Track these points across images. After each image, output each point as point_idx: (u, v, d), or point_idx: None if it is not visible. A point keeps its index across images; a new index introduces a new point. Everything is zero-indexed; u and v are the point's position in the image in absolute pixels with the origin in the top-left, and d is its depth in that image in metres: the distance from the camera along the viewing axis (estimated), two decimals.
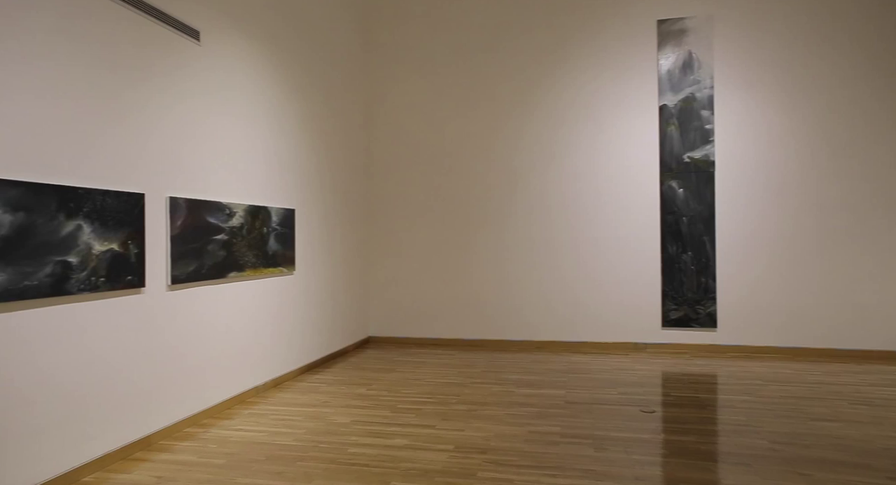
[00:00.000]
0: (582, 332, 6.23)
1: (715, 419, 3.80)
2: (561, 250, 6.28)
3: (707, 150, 5.89)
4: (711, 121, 5.88)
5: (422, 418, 3.86)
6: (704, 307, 5.89)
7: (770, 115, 5.80)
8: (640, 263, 6.08)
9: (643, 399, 4.26)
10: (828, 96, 5.68)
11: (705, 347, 5.92)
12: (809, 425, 3.62)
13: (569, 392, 4.47)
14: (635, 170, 6.10)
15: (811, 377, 4.84)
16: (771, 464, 3.01)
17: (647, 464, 3.04)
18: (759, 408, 4.00)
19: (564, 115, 6.28)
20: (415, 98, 6.69)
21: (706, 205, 5.89)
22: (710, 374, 5.03)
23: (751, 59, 5.83)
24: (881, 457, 3.10)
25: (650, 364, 5.43)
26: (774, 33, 5.78)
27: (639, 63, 6.09)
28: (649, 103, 6.06)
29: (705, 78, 5.89)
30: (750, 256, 5.84)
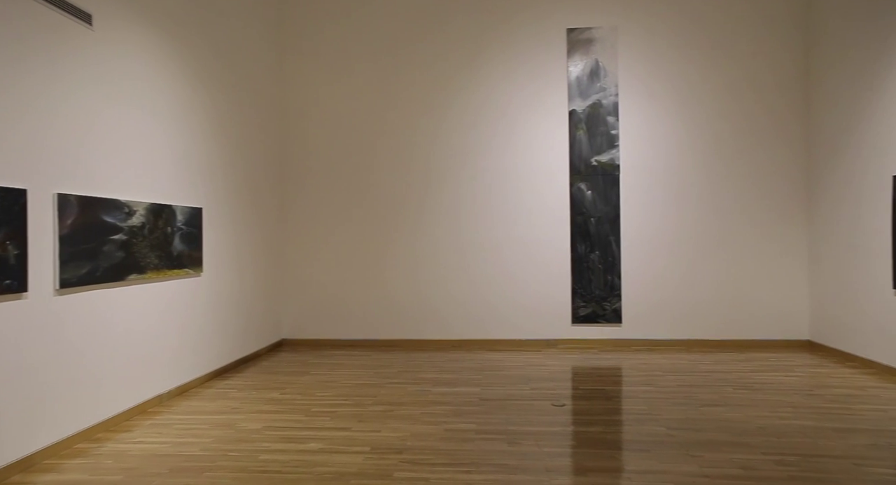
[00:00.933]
0: (496, 330, 6.37)
1: (620, 410, 4.01)
2: (476, 250, 6.40)
3: (613, 154, 6.21)
4: (616, 127, 6.21)
5: (337, 421, 3.80)
6: (611, 304, 6.21)
7: (669, 122, 6.21)
8: (552, 263, 6.32)
9: (554, 393, 4.42)
10: (719, 106, 6.16)
11: (612, 342, 6.24)
12: (700, 411, 3.91)
13: (483, 389, 4.56)
14: (547, 172, 6.33)
15: (703, 367, 5.23)
16: (668, 449, 3.23)
17: (558, 455, 3.16)
18: (658, 397, 4.27)
19: (478, 117, 6.40)
20: (330, 97, 6.57)
21: (612, 206, 6.21)
22: (616, 367, 5.31)
23: (652, 69, 6.21)
24: (757, 435, 3.41)
25: (561, 360, 5.65)
26: (673, 46, 6.19)
27: (550, 69, 6.32)
28: (559, 108, 6.31)
29: (611, 86, 6.21)
30: (651, 254, 6.22)
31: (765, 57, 6.11)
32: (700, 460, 3.07)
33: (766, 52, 6.10)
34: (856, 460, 3.04)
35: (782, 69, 6.09)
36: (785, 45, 6.08)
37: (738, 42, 6.13)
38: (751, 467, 2.96)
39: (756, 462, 3.02)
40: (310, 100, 6.60)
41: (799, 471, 2.90)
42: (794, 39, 6.08)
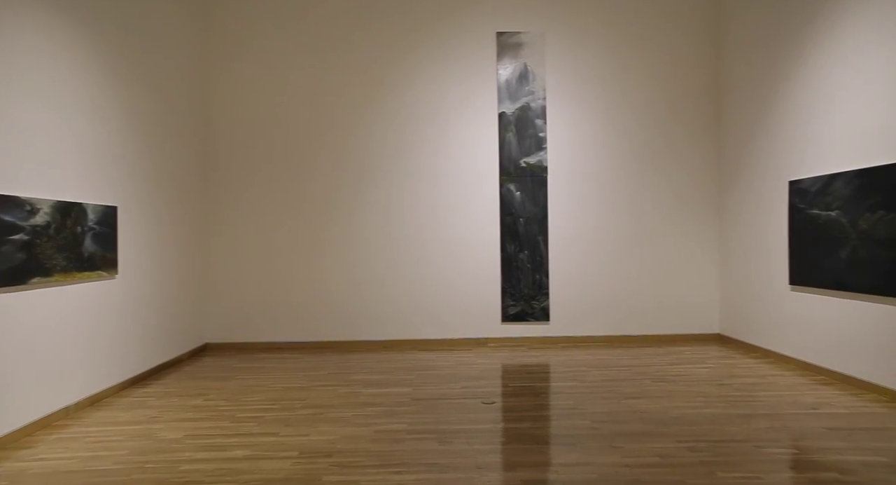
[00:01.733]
0: (428, 330, 6.40)
1: (547, 405, 4.13)
2: (407, 250, 6.40)
3: (541, 156, 6.39)
4: (544, 129, 6.39)
5: (264, 427, 3.69)
6: (539, 302, 6.38)
7: (594, 127, 6.46)
8: (482, 262, 6.41)
9: (484, 391, 4.50)
10: (638, 113, 6.47)
11: (540, 340, 6.41)
12: (622, 404, 4.09)
13: (415, 389, 4.57)
14: (477, 173, 6.42)
15: (625, 361, 5.48)
16: (592, 441, 3.36)
17: (488, 452, 3.22)
18: (583, 392, 4.43)
19: (410, 117, 6.40)
20: (257, 92, 6.37)
21: (540, 207, 6.39)
22: (544, 364, 5.47)
23: (577, 75, 6.44)
24: (673, 424, 3.61)
25: (491, 358, 5.75)
26: (597, 54, 6.44)
27: (480, 71, 6.41)
28: (489, 110, 6.42)
29: (539, 90, 6.38)
30: (577, 254, 6.45)
31: (679, 69, 6.47)
32: (621, 450, 3.21)
33: (680, 65, 6.47)
34: (756, 442, 3.29)
35: (694, 81, 6.48)
36: (697, 58, 6.47)
37: (655, 54, 6.46)
38: (667, 454, 3.13)
39: (671, 450, 3.19)
40: (236, 95, 6.37)
41: (708, 456, 3.10)
42: (705, 53, 6.47)
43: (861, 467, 2.94)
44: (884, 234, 4.10)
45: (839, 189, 4.53)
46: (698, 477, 2.84)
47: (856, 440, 3.31)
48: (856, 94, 4.42)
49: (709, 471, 2.90)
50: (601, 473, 2.91)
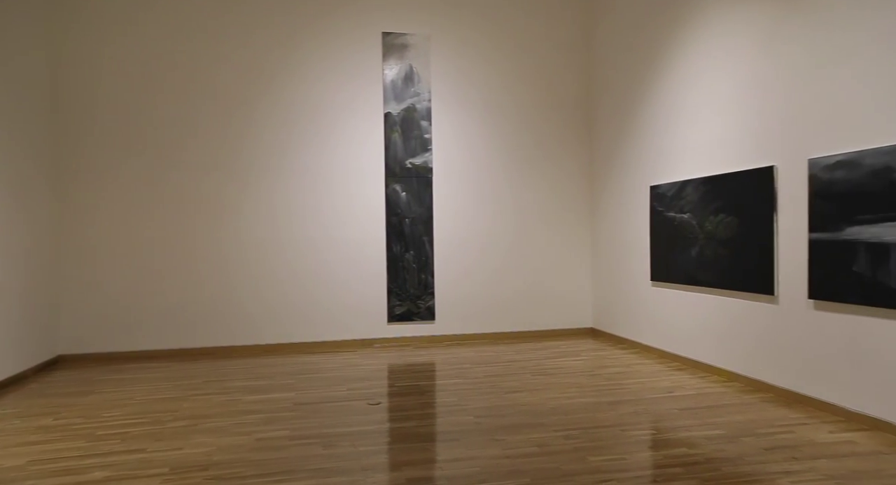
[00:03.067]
0: (313, 332, 6.24)
1: (433, 403, 4.20)
2: (291, 251, 6.19)
3: (426, 157, 6.48)
4: (429, 131, 6.48)
5: (129, 443, 3.39)
6: (424, 302, 6.47)
7: (477, 129, 6.66)
8: (368, 263, 6.38)
9: (370, 392, 4.47)
10: (519, 118, 6.78)
11: (426, 339, 6.50)
12: (504, 398, 4.27)
13: (298, 394, 4.44)
14: (363, 172, 6.37)
15: (507, 357, 5.71)
16: (475, 436, 3.47)
17: (373, 453, 3.21)
18: (467, 388, 4.56)
19: (294, 115, 6.21)
20: (125, 85, 5.83)
21: (426, 207, 6.47)
22: (430, 362, 5.55)
23: (462, 78, 6.61)
24: (550, 415, 3.83)
25: (377, 359, 5.74)
26: (481, 59, 6.65)
27: (366, 70, 6.37)
28: (375, 110, 6.39)
29: (424, 91, 6.46)
30: (461, 254, 6.62)
31: (555, 78, 6.87)
32: (503, 442, 3.35)
33: (555, 75, 6.87)
34: (622, 426, 3.58)
35: (569, 90, 6.91)
36: (571, 69, 6.91)
37: (532, 62, 6.80)
38: (545, 444, 3.31)
39: (549, 439, 3.38)
40: (99, 87, 5.79)
41: (581, 442, 3.32)
42: (578, 65, 6.93)
43: (704, 440, 3.31)
44: (724, 234, 4.64)
45: (690, 194, 5.06)
46: (572, 462, 3.03)
47: (701, 418, 3.72)
48: (701, 110, 4.97)
49: (581, 456, 3.11)
50: (483, 466, 3.02)
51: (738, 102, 4.55)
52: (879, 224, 3.38)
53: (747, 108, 4.47)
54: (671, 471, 2.90)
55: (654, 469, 2.93)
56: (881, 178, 3.37)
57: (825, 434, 3.40)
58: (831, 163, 3.70)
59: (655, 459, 3.08)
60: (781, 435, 3.39)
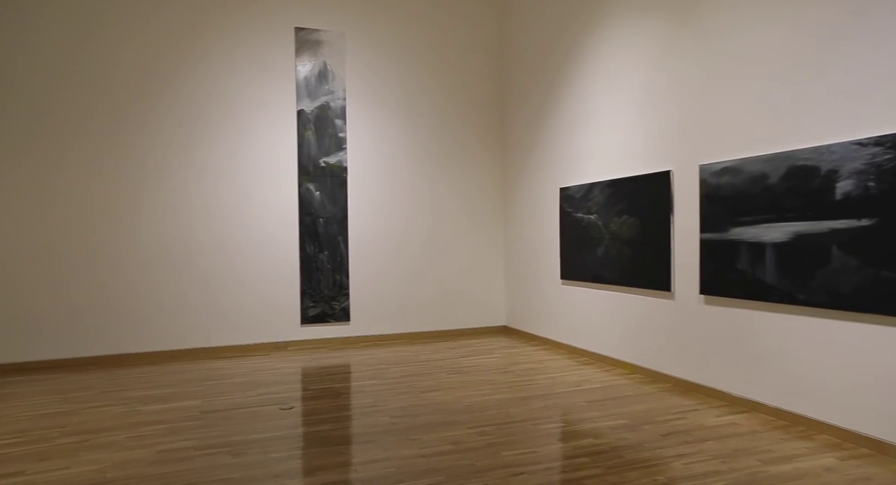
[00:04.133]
0: (221, 336, 5.97)
1: (348, 405, 4.14)
2: (198, 252, 5.89)
3: (341, 156, 6.38)
4: (344, 130, 6.39)
5: (6, 466, 3.09)
6: (339, 303, 6.37)
7: (393, 129, 6.65)
8: (280, 264, 6.19)
9: (282, 397, 4.34)
10: (435, 118, 6.83)
11: (341, 340, 6.40)
12: (420, 397, 4.29)
13: (205, 401, 4.23)
14: (275, 171, 6.17)
15: (423, 356, 5.74)
16: (391, 437, 3.46)
17: (286, 459, 3.12)
18: (383, 389, 4.54)
19: (202, 111, 5.90)
20: (10, 81, 5.30)
21: (340, 207, 6.37)
22: (345, 364, 5.47)
23: (377, 77, 6.56)
24: (465, 412, 3.90)
25: (290, 362, 5.58)
26: (396, 59, 6.64)
27: (278, 66, 6.18)
28: (288, 107, 6.21)
29: (339, 89, 6.36)
30: (377, 254, 6.58)
31: (470, 81, 6.99)
32: (418, 442, 3.36)
33: (470, 77, 6.99)
34: (534, 421, 3.71)
35: (483, 93, 7.05)
36: (485, 72, 7.06)
37: (448, 64, 6.89)
38: (459, 441, 3.36)
39: (463, 436, 3.44)
40: None
41: (494, 438, 3.41)
42: (491, 69, 7.09)
43: (609, 430, 3.50)
44: (627, 234, 4.93)
45: (596, 196, 5.33)
46: (485, 458, 3.10)
47: (606, 409, 3.93)
48: (607, 116, 5.24)
49: (494, 452, 3.19)
50: (399, 466, 3.02)
51: (639, 110, 4.85)
52: (758, 225, 3.72)
53: (647, 116, 4.76)
54: (578, 461, 3.04)
55: (563, 460, 3.06)
56: (759, 183, 3.71)
57: (713, 418, 3.70)
58: (718, 169, 4.02)
59: (564, 450, 3.21)
60: (676, 421, 3.65)
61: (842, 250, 3.21)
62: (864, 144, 3.11)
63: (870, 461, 3.00)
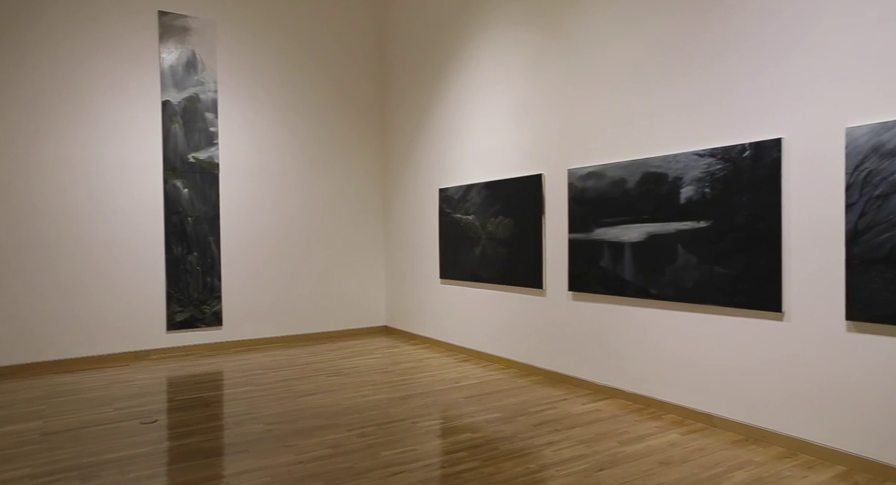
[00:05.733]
0: (71, 347, 5.37)
1: (220, 415, 3.91)
2: (42, 254, 5.24)
3: (212, 151, 6.01)
4: (216, 124, 6.03)
5: None
6: (210, 307, 5.99)
7: (269, 126, 6.38)
8: (142, 266, 5.69)
9: (144, 410, 4.00)
10: (313, 116, 6.66)
11: (212, 346, 6.03)
12: (297, 402, 4.16)
13: (47, 422, 3.78)
14: (137, 166, 5.67)
15: (301, 360, 5.58)
16: (266, 444, 3.32)
17: (147, 478, 2.88)
18: (258, 395, 4.34)
19: (52, 99, 5.26)
20: None
21: (211, 205, 6.00)
22: (217, 371, 5.16)
23: (252, 71, 6.27)
24: (344, 415, 3.85)
25: (154, 372, 5.16)
26: (272, 53, 6.38)
27: (139, 52, 5.68)
28: (151, 97, 5.74)
29: (209, 81, 5.99)
30: (252, 255, 6.28)
31: (349, 79, 6.91)
32: (295, 448, 3.26)
33: (350, 75, 6.91)
34: (414, 419, 3.76)
35: (363, 92, 7.01)
36: (365, 71, 7.01)
37: (327, 60, 6.75)
38: (338, 444, 3.31)
39: (343, 439, 3.39)
40: None
41: (374, 439, 3.40)
42: (371, 68, 7.06)
43: (485, 423, 3.64)
44: (503, 235, 5.14)
45: (474, 197, 5.50)
46: (365, 460, 3.08)
47: (483, 404, 4.07)
48: (484, 120, 5.44)
49: (374, 452, 3.18)
50: (274, 474, 2.91)
51: (514, 116, 5.08)
52: (618, 226, 4.06)
53: (521, 121, 5.01)
54: (457, 456, 3.12)
55: (441, 456, 3.13)
56: (618, 187, 4.05)
57: (579, 407, 3.97)
58: (584, 173, 4.33)
59: (443, 446, 3.28)
60: (547, 411, 3.87)
61: (685, 249, 3.60)
62: (701, 155, 3.51)
63: (704, 434, 3.39)
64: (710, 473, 2.87)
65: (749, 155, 3.26)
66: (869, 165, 2.77)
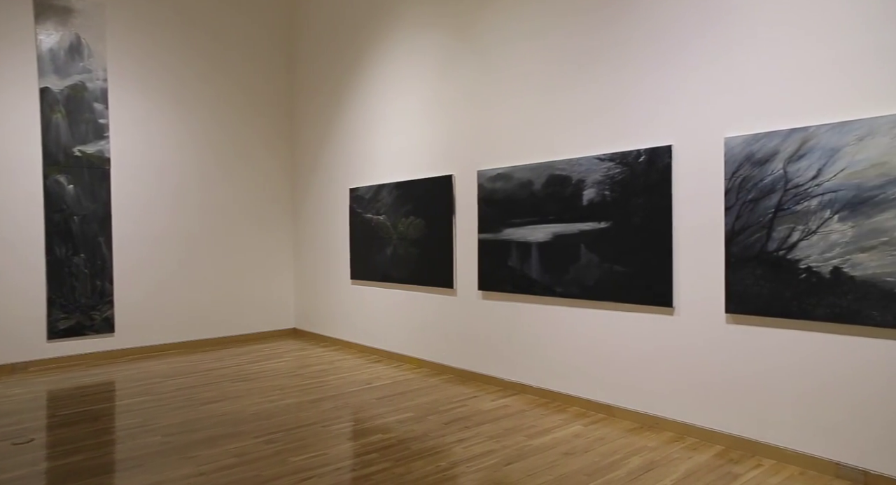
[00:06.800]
0: None
1: (110, 429, 3.64)
2: None
3: (102, 145, 5.56)
4: (106, 115, 5.59)
5: None
6: (101, 312, 5.55)
7: (167, 119, 6.00)
8: (17, 269, 5.17)
9: (17, 430, 3.64)
10: (216, 111, 6.34)
11: (103, 355, 5.58)
12: (199, 410, 3.95)
13: None
14: (11, 159, 5.14)
15: (204, 366, 5.30)
16: (163, 457, 3.13)
17: None
18: (156, 406, 4.08)
19: None
20: None
21: (102, 203, 5.56)
22: (108, 382, 4.79)
23: (148, 60, 5.86)
24: (251, 421, 3.71)
25: (32, 386, 4.70)
26: (171, 45, 6.01)
27: (10, 31, 5.15)
28: (26, 83, 5.22)
29: (97, 69, 5.54)
30: (149, 256, 5.88)
31: (256, 76, 6.65)
32: (197, 459, 3.10)
33: (257, 72, 6.65)
34: (324, 423, 3.68)
35: (271, 90, 6.77)
36: (272, 68, 6.78)
37: (232, 56, 6.46)
38: (244, 452, 3.18)
39: (249, 447, 3.26)
40: None
41: (283, 445, 3.30)
42: (279, 65, 6.84)
43: (397, 424, 3.64)
44: (414, 235, 5.16)
45: (385, 197, 5.48)
46: (273, 467, 2.99)
47: (394, 404, 4.07)
48: (395, 120, 5.43)
49: (282, 459, 3.09)
50: None
51: (425, 117, 5.11)
52: (525, 226, 4.20)
53: (432, 122, 5.05)
54: (368, 457, 3.10)
55: (352, 459, 3.09)
56: (526, 189, 4.19)
57: (489, 403, 4.07)
58: (493, 175, 4.44)
59: (354, 448, 3.24)
60: (457, 409, 3.94)
61: (588, 249, 3.79)
62: (602, 159, 3.71)
63: (605, 424, 3.59)
64: (610, 460, 3.04)
65: (644, 160, 3.49)
66: (743, 172, 3.05)
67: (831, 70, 2.80)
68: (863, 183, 2.66)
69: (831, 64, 2.80)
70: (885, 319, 2.60)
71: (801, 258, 2.86)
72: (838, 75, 2.78)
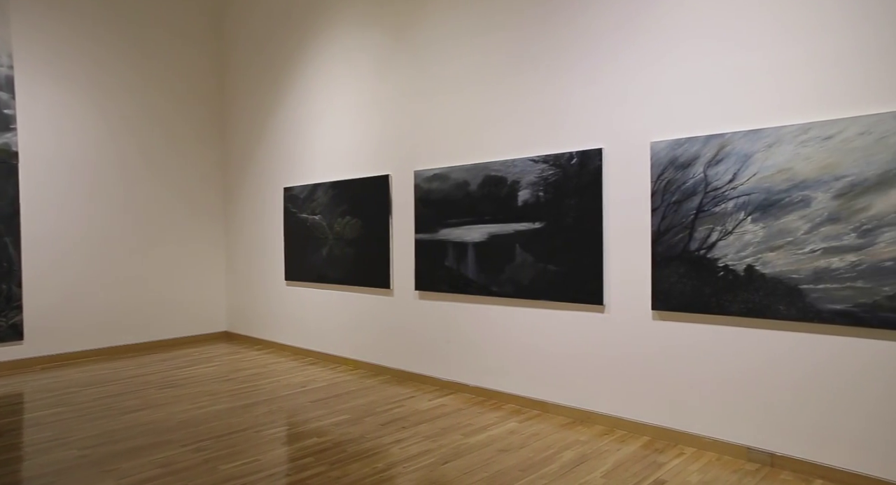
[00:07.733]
0: None
1: (17, 444, 3.38)
2: None
3: (7, 138, 5.16)
4: (12, 106, 5.19)
5: None
6: (7, 319, 5.15)
7: (83, 112, 5.64)
8: None
9: None
10: (139, 106, 6.02)
11: (9, 364, 5.18)
12: (121, 420, 3.74)
13: None
14: None
15: (127, 373, 5.02)
16: (78, 472, 2.94)
17: None
18: (71, 417, 3.83)
19: None
20: None
21: (9, 201, 5.16)
22: (15, 393, 4.45)
23: (63, 49, 5.49)
24: (178, 430, 3.55)
25: None
26: (85, 33, 5.65)
27: None
28: None
29: (2, 55, 5.13)
30: (64, 258, 5.51)
31: (185, 70, 6.36)
32: (116, 472, 2.93)
33: (186, 67, 6.37)
34: (257, 428, 3.58)
35: (201, 86, 6.50)
36: (202, 64, 6.51)
37: (158, 48, 6.15)
38: (170, 462, 3.04)
39: (175, 456, 3.12)
40: None
41: (212, 453, 3.17)
42: (210, 61, 6.58)
43: (333, 427, 3.58)
44: (350, 235, 5.10)
45: (321, 197, 5.38)
46: (201, 476, 2.87)
47: (330, 407, 4.01)
48: (331, 119, 5.34)
49: (212, 467, 2.97)
50: None
51: (362, 116, 5.06)
52: (461, 227, 4.23)
53: (368, 121, 5.00)
54: (303, 462, 3.03)
55: (287, 464, 3.01)
56: (462, 189, 4.23)
57: (426, 403, 4.08)
58: (430, 175, 4.45)
59: (289, 453, 3.16)
60: (394, 410, 3.92)
61: (522, 249, 3.87)
62: (536, 161, 3.80)
63: (539, 420, 3.68)
64: (544, 455, 3.12)
65: (576, 162, 3.60)
66: (668, 175, 3.21)
67: (745, 81, 2.99)
68: (772, 187, 2.85)
69: (745, 75, 2.99)
70: (790, 313, 2.81)
71: (720, 257, 3.03)
72: (750, 86, 2.97)
